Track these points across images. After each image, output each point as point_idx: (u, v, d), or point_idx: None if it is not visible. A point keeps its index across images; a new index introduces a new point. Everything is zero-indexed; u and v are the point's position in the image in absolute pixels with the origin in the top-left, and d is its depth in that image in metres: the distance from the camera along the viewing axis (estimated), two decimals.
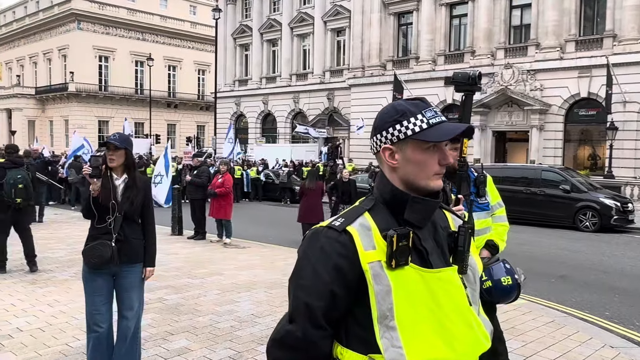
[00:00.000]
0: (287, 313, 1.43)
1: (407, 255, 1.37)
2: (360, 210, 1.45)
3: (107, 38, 48.14)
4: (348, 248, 1.36)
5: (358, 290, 1.37)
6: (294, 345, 1.37)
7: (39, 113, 50.67)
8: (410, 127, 1.42)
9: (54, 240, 10.26)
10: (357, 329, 1.39)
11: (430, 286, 1.39)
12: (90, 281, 3.76)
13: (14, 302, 6.18)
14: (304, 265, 1.41)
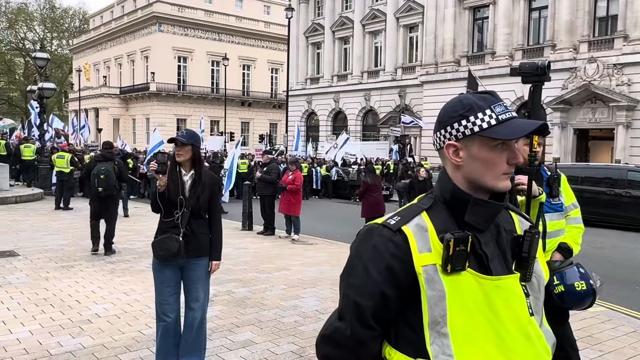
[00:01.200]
0: (337, 309, 1.40)
1: (465, 261, 1.29)
2: (417, 209, 1.38)
3: (185, 39, 50.05)
4: (402, 249, 1.30)
5: (410, 293, 1.31)
6: (342, 343, 1.34)
7: (123, 112, 53.53)
8: (478, 122, 1.32)
9: (132, 233, 10.78)
10: (407, 332, 1.33)
11: (487, 294, 1.30)
12: (160, 273, 3.91)
13: (94, 289, 6.55)
14: (355, 263, 1.37)
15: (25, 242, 9.47)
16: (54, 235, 10.23)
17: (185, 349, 3.97)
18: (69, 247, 9.21)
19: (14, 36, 63.95)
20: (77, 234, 10.46)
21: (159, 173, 3.82)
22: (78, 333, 5.00)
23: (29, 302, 5.95)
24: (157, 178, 3.85)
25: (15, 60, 65.24)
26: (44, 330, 5.05)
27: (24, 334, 4.93)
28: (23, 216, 12.72)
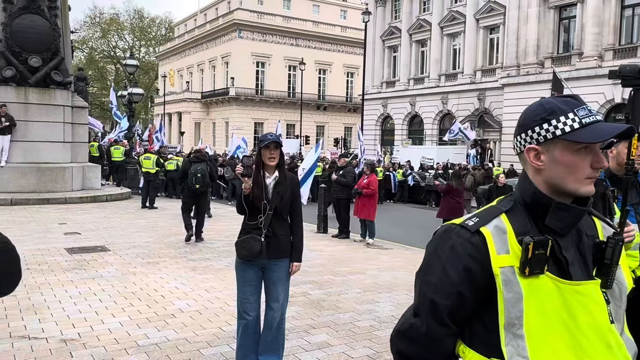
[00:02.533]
0: (412, 306, 1.43)
1: (544, 264, 1.29)
2: (496, 211, 1.38)
3: (264, 45, 51.33)
4: (480, 250, 1.32)
5: (486, 293, 1.32)
6: (416, 339, 1.37)
7: (204, 115, 55.64)
8: (560, 126, 1.32)
9: (212, 232, 11.16)
10: (482, 331, 1.35)
11: (566, 298, 1.30)
12: (242, 272, 4.03)
13: (178, 285, 6.84)
14: (432, 262, 1.39)
15: (115, 238, 10.05)
16: (140, 233, 10.79)
17: (264, 347, 4.06)
18: (154, 244, 9.68)
19: (106, 45, 68.21)
20: (161, 232, 10.97)
21: (244, 176, 3.93)
22: (163, 326, 5.24)
23: (118, 295, 6.31)
24: (243, 181, 3.97)
25: (107, 67, 69.52)
26: (132, 322, 5.34)
27: (115, 324, 5.24)
28: (113, 214, 13.50)
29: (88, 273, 7.29)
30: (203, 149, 13.21)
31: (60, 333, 4.94)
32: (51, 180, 15.64)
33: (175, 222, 11.78)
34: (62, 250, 8.71)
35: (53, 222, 11.55)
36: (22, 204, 14.06)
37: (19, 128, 15.44)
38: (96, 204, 15.38)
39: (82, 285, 6.63)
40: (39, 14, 15.92)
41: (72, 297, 6.11)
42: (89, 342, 4.74)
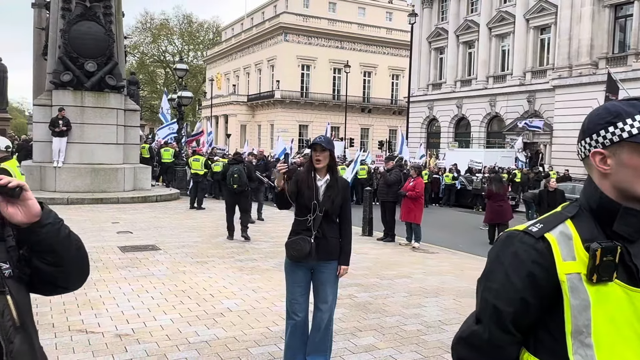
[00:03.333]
0: (473, 312, 1.41)
1: (612, 272, 1.25)
2: (561, 217, 1.35)
3: (309, 48, 51.65)
4: (545, 256, 1.29)
5: (551, 300, 1.29)
6: (479, 346, 1.35)
7: (249, 118, 56.44)
8: (627, 128, 1.28)
9: (259, 234, 11.31)
10: (548, 339, 1.32)
11: (637, 307, 1.26)
12: (291, 273, 4.07)
13: (226, 285, 6.97)
14: (495, 268, 1.37)
15: (165, 237, 10.32)
16: (189, 233, 11.04)
17: (312, 347, 4.09)
18: (203, 244, 9.89)
19: (156, 49, 70.20)
20: (209, 233, 11.19)
21: (284, 174, 3.94)
22: (212, 324, 5.35)
23: (169, 292, 6.48)
24: (278, 178, 3.95)
25: (157, 71, 71.49)
26: (183, 319, 5.47)
27: (166, 321, 5.38)
28: (162, 214, 13.87)
29: (140, 271, 7.52)
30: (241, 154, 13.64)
31: (115, 328, 5.11)
32: (105, 180, 16.20)
33: (222, 223, 11.95)
34: (115, 248, 9.01)
35: (106, 221, 11.96)
36: (77, 203, 14.62)
37: (75, 130, 16.07)
38: (146, 204, 15.82)
39: (135, 283, 6.84)
40: (95, 20, 16.54)
41: (125, 294, 6.31)
42: (142, 338, 4.88)
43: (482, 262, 8.93)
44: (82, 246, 1.65)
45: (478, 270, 5.88)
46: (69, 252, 1.59)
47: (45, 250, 1.54)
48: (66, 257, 1.57)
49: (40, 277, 1.58)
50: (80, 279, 1.68)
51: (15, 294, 1.52)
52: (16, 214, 1.49)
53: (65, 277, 1.62)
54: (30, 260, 1.56)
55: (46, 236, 1.52)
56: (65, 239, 1.57)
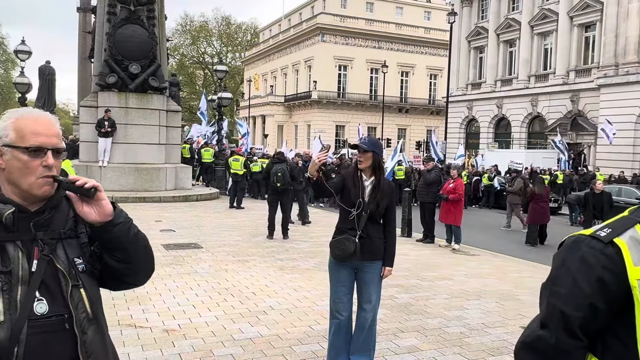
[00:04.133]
0: (537, 317, 1.40)
1: None
2: (630, 222, 1.33)
3: (346, 48, 51.65)
4: (614, 261, 1.27)
5: (621, 306, 1.27)
6: (544, 351, 1.35)
7: (286, 119, 56.83)
8: None
9: (298, 233, 11.38)
10: (616, 345, 1.30)
11: None
12: (335, 272, 4.10)
13: (267, 283, 7.06)
14: (562, 273, 1.36)
15: (206, 236, 10.51)
16: (229, 232, 11.21)
17: (356, 347, 4.11)
18: (243, 242, 10.03)
19: (195, 51, 71.39)
20: (249, 232, 11.34)
21: (323, 166, 3.93)
22: (255, 322, 5.43)
23: (212, 290, 6.60)
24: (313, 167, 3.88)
25: (196, 72, 72.73)
26: (227, 316, 5.58)
27: (211, 318, 5.49)
28: (203, 213, 14.12)
29: (184, 268, 7.69)
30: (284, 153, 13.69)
31: (162, 323, 5.25)
32: (147, 180, 16.60)
33: (261, 222, 12.11)
34: (159, 246, 9.22)
35: (150, 219, 12.25)
36: (121, 201, 15.01)
37: (119, 131, 16.53)
38: (187, 203, 16.14)
39: (179, 280, 7.00)
40: (139, 24, 16.97)
41: (170, 290, 6.47)
42: (188, 333, 5.00)
43: (524, 265, 8.81)
44: (148, 244, 1.72)
45: (520, 273, 5.90)
46: (137, 250, 1.66)
47: (116, 248, 1.62)
48: (134, 255, 1.65)
49: (110, 272, 1.66)
50: (146, 275, 1.76)
51: (88, 287, 1.60)
52: (90, 213, 1.57)
53: (133, 274, 1.70)
54: (101, 256, 1.64)
55: (117, 234, 1.60)
56: (134, 237, 1.65)
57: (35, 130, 1.55)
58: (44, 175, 1.54)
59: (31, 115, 1.59)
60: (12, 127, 1.55)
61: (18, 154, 1.53)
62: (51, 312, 1.51)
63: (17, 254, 1.50)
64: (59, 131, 1.63)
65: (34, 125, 1.56)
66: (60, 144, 1.61)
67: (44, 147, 1.55)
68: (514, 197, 15.11)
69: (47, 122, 1.59)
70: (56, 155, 1.58)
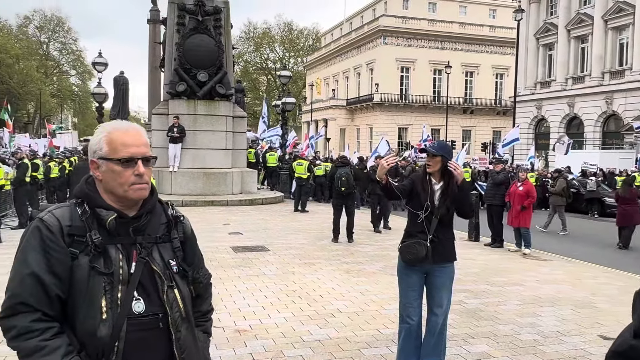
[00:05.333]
0: (630, 326, 1.36)
1: None
2: None
3: (408, 50, 51.12)
4: None
5: None
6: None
7: (348, 122, 56.90)
8: None
9: (363, 237, 11.39)
10: None
11: None
12: (405, 276, 4.08)
13: (334, 286, 7.11)
14: None
15: (272, 239, 10.71)
16: (295, 235, 11.37)
17: (426, 352, 4.08)
18: (309, 245, 10.14)
19: (259, 57, 72.91)
20: (314, 235, 11.45)
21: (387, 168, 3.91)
22: (324, 325, 5.49)
23: (280, 292, 6.73)
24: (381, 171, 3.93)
25: (260, 78, 74.22)
26: (295, 318, 5.67)
27: (280, 320, 5.60)
28: (269, 216, 14.39)
29: (252, 270, 7.88)
30: (347, 158, 13.75)
31: (234, 324, 5.40)
32: (215, 184, 17.12)
33: (326, 226, 12.20)
34: (227, 248, 9.49)
35: (218, 222, 12.62)
36: (191, 205, 15.55)
37: (188, 137, 17.14)
38: (253, 206, 16.49)
39: (248, 282, 7.18)
40: (206, 33, 17.56)
41: (240, 292, 6.65)
42: (259, 334, 5.13)
43: (599, 271, 8.40)
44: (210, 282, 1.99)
45: (596, 279, 5.66)
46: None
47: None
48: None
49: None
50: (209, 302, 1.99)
51: (181, 288, 1.71)
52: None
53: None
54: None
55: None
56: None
57: (125, 142, 1.67)
58: (137, 182, 1.66)
59: (121, 128, 1.72)
60: (105, 140, 1.68)
61: (112, 166, 1.66)
62: (148, 311, 1.63)
63: (118, 257, 1.63)
64: (147, 141, 1.75)
65: (123, 138, 1.68)
66: (149, 153, 1.72)
67: (134, 157, 1.66)
68: (556, 198, 14.56)
69: (135, 133, 1.71)
70: (146, 163, 1.70)
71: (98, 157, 1.68)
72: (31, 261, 1.58)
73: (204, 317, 1.90)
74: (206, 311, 1.92)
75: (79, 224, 1.62)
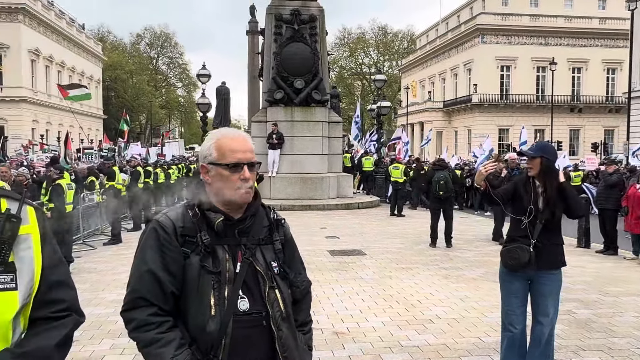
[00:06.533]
0: None
1: None
2: None
3: (508, 47, 49.03)
4: None
5: None
6: None
7: (445, 124, 55.59)
8: None
9: (461, 242, 11.07)
10: None
11: None
12: (507, 283, 3.92)
13: (432, 292, 6.97)
14: None
15: (369, 243, 10.71)
16: (391, 239, 11.29)
17: None
18: (406, 250, 10.03)
19: (353, 62, 73.33)
20: (411, 239, 11.30)
21: (485, 175, 3.85)
22: (422, 330, 5.40)
23: (378, 296, 6.71)
24: (479, 176, 3.90)
25: (354, 83, 74.60)
26: (393, 323, 5.63)
27: (378, 324, 5.59)
28: (365, 220, 14.40)
29: (349, 274, 7.93)
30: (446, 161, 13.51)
31: (332, 326, 5.47)
32: (312, 188, 17.43)
33: (423, 230, 12.00)
34: (325, 252, 9.62)
35: (315, 226, 12.84)
36: (289, 209, 15.95)
37: (286, 143, 17.62)
38: (349, 210, 16.59)
39: (345, 285, 7.24)
40: (302, 41, 17.98)
41: (337, 295, 6.72)
42: (356, 337, 5.15)
43: None
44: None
45: None
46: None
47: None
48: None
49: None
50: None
51: (282, 288, 1.78)
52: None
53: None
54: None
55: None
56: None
57: (233, 148, 1.77)
58: (243, 186, 1.75)
59: (229, 135, 1.82)
60: (214, 147, 1.79)
61: (220, 170, 1.76)
62: (252, 310, 1.71)
63: (225, 257, 1.73)
64: (252, 147, 1.84)
65: (231, 144, 1.78)
66: (254, 159, 1.81)
67: (240, 163, 1.75)
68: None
69: (242, 140, 1.81)
70: (251, 168, 1.78)
71: (208, 162, 1.80)
72: (148, 259, 1.71)
73: (301, 328, 1.91)
74: (303, 322, 1.93)
75: (190, 225, 1.74)
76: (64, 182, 8.73)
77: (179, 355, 1.64)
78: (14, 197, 1.52)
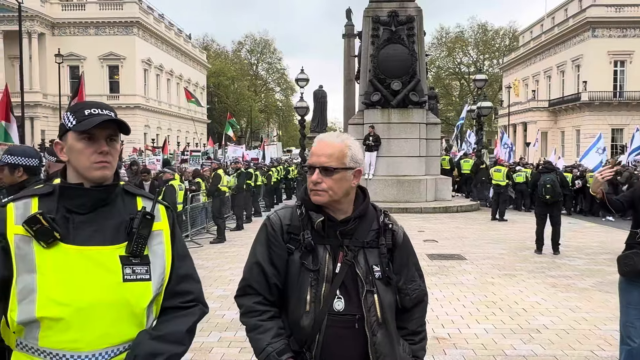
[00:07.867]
0: None
1: None
2: None
3: (623, 41, 45.49)
4: None
5: None
6: None
7: (551, 124, 52.62)
8: None
9: (570, 249, 10.41)
10: None
11: None
12: (626, 292, 3.68)
13: (538, 300, 6.65)
14: None
15: (469, 247, 10.41)
16: (493, 244, 10.88)
17: None
18: (508, 256, 9.63)
19: (451, 62, 71.46)
20: (514, 245, 10.83)
21: (602, 182, 3.65)
22: (528, 340, 5.17)
23: (479, 302, 6.51)
24: (595, 184, 3.70)
25: (452, 83, 72.71)
26: (496, 331, 5.44)
27: (480, 331, 5.43)
28: (464, 224, 14.00)
29: (449, 279, 7.76)
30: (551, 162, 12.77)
31: (432, 331, 5.38)
32: (409, 191, 17.23)
33: (527, 236, 11.45)
34: (423, 255, 9.47)
35: (413, 229, 12.66)
36: None
37: (382, 145, 17.56)
38: (447, 214, 16.21)
39: (445, 290, 7.09)
40: (400, 42, 17.84)
41: (437, 300, 6.59)
42: (458, 343, 5.04)
43: None
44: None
45: None
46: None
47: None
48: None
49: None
50: None
51: (382, 294, 1.79)
52: None
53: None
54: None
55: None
56: None
57: (312, 152, 1.86)
58: (312, 188, 1.81)
59: (318, 139, 1.90)
60: (311, 149, 1.87)
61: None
62: (346, 311, 1.76)
63: (325, 256, 1.79)
64: (332, 152, 1.81)
65: (314, 147, 1.87)
66: (328, 163, 1.80)
67: (313, 166, 1.81)
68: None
69: (322, 145, 1.85)
70: (324, 172, 1.79)
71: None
72: (257, 252, 1.86)
73: (411, 338, 1.91)
74: (413, 331, 1.93)
75: (296, 224, 1.84)
76: (176, 182, 9.33)
77: (275, 342, 1.74)
78: (148, 197, 1.68)
